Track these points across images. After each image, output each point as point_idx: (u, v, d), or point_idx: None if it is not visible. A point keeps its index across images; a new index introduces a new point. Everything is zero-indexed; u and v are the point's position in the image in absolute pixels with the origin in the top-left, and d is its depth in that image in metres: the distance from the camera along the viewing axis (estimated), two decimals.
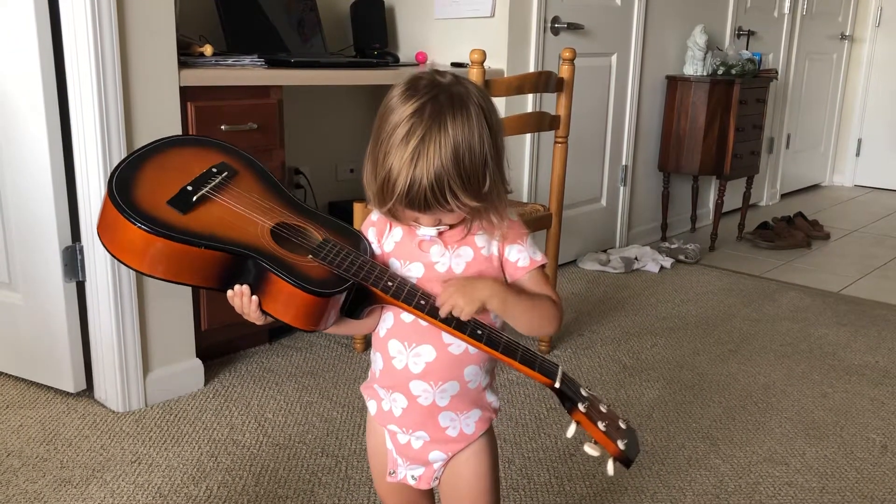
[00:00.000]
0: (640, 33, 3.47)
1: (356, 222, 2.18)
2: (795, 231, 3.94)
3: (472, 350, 1.03)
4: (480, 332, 0.97)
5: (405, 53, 3.11)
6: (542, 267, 1.05)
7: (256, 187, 1.07)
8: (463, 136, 0.91)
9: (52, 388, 2.10)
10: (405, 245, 1.04)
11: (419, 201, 0.92)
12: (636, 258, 3.44)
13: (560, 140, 2.40)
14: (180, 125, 2.00)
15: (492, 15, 2.87)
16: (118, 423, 1.95)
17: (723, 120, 3.62)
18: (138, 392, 2.02)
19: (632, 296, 3.04)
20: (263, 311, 0.97)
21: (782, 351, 2.54)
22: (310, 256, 0.98)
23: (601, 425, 0.95)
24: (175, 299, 2.07)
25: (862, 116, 5.52)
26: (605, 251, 3.55)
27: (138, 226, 0.92)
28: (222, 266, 0.96)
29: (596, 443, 0.95)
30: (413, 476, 1.11)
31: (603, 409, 0.97)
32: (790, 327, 2.76)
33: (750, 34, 4.23)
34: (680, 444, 1.93)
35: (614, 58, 3.39)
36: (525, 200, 3.03)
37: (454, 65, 2.87)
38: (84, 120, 1.85)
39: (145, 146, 1.05)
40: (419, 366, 1.03)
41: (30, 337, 2.08)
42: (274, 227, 1.01)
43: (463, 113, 0.92)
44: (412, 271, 1.02)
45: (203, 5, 2.51)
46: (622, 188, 3.63)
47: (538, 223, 2.35)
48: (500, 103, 2.77)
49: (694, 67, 3.71)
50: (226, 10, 2.48)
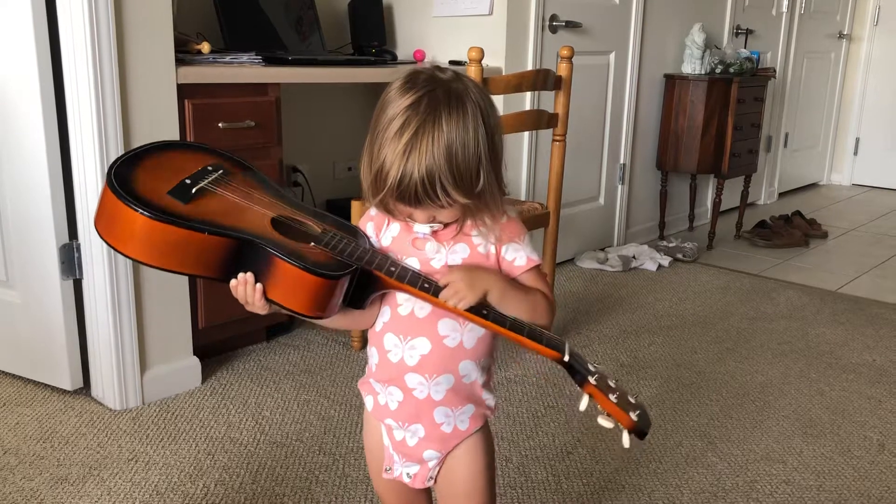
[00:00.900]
0: (639, 31, 3.47)
1: (354, 221, 2.18)
2: (793, 230, 3.94)
3: (468, 345, 1.03)
4: (486, 312, 0.97)
5: (403, 51, 3.11)
6: (538, 267, 1.05)
7: (253, 185, 1.07)
8: (457, 133, 0.91)
9: (49, 386, 2.10)
10: (402, 241, 1.04)
11: (410, 195, 0.92)
12: (634, 257, 3.44)
13: (558, 138, 2.40)
14: (178, 123, 2.00)
15: (490, 13, 2.87)
16: (115, 421, 1.95)
17: (721, 119, 3.62)
18: (135, 390, 2.02)
19: (630, 294, 3.05)
20: (268, 300, 0.96)
21: (780, 349, 2.54)
22: (312, 243, 0.98)
23: (612, 397, 0.94)
24: (172, 297, 2.07)
25: (860, 115, 5.53)
26: (604, 249, 3.55)
27: (140, 212, 0.91)
28: (225, 253, 0.95)
29: (609, 415, 0.95)
30: (408, 473, 1.11)
31: (612, 384, 0.97)
32: (788, 326, 2.76)
33: (748, 33, 4.23)
34: (677, 442, 1.93)
35: (612, 56, 3.39)
36: (523, 199, 3.03)
37: (452, 62, 2.86)
38: (81, 118, 1.85)
39: (139, 147, 1.05)
40: (414, 358, 1.03)
41: (27, 335, 2.08)
42: (275, 217, 1.01)
43: (459, 109, 0.92)
44: None
45: (201, 3, 2.51)
46: (620, 186, 3.63)
47: (536, 221, 2.35)
48: (498, 101, 2.77)
49: (692, 66, 3.72)
50: (223, 8, 2.48)
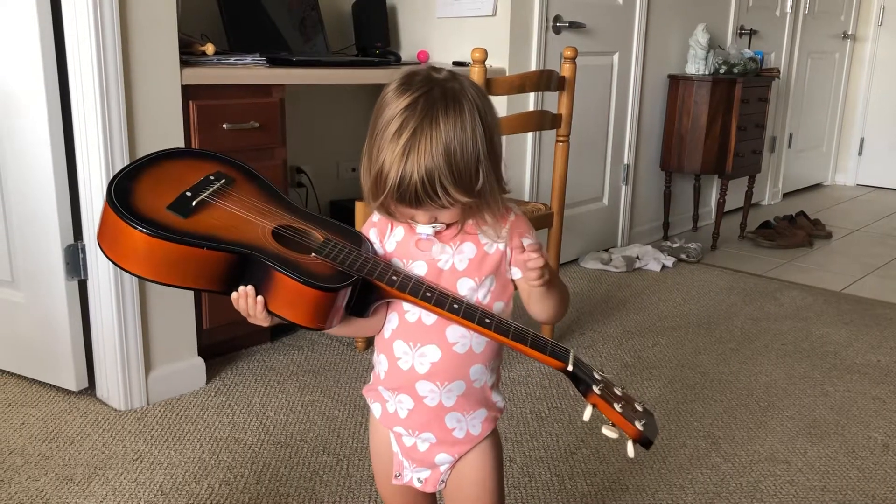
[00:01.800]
0: (642, 32, 3.47)
1: (358, 221, 2.18)
2: (797, 230, 3.94)
3: (477, 349, 1.03)
4: (489, 321, 0.96)
5: (407, 52, 3.11)
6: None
7: (255, 193, 1.06)
8: (455, 132, 0.90)
9: (54, 387, 2.10)
10: (406, 244, 1.03)
11: (410, 196, 0.92)
12: (638, 257, 3.44)
13: (562, 139, 2.40)
14: (182, 124, 2.00)
15: (493, 14, 2.88)
16: (120, 422, 1.95)
17: (725, 119, 3.62)
18: (140, 390, 2.02)
19: (633, 295, 3.04)
20: (269, 312, 0.96)
21: (784, 350, 2.54)
22: (313, 254, 0.98)
23: (618, 407, 0.93)
24: (177, 298, 2.08)
25: (864, 115, 5.52)
26: (607, 250, 3.54)
27: (140, 229, 0.92)
28: (226, 267, 0.96)
29: (614, 425, 0.94)
30: (419, 479, 1.10)
31: (618, 392, 0.96)
32: (792, 326, 2.75)
33: (752, 33, 4.23)
34: (681, 443, 1.93)
35: (616, 57, 3.39)
36: (527, 199, 3.03)
37: (456, 64, 2.87)
38: (86, 119, 1.85)
39: (140, 159, 1.05)
40: (425, 366, 1.02)
41: (32, 335, 2.09)
42: (275, 228, 1.01)
43: (456, 109, 0.91)
44: (415, 270, 1.02)
45: (205, 4, 2.51)
46: (624, 187, 3.63)
47: (540, 222, 2.35)
48: (502, 102, 2.77)
49: (696, 66, 3.71)
50: (227, 9, 2.49)
